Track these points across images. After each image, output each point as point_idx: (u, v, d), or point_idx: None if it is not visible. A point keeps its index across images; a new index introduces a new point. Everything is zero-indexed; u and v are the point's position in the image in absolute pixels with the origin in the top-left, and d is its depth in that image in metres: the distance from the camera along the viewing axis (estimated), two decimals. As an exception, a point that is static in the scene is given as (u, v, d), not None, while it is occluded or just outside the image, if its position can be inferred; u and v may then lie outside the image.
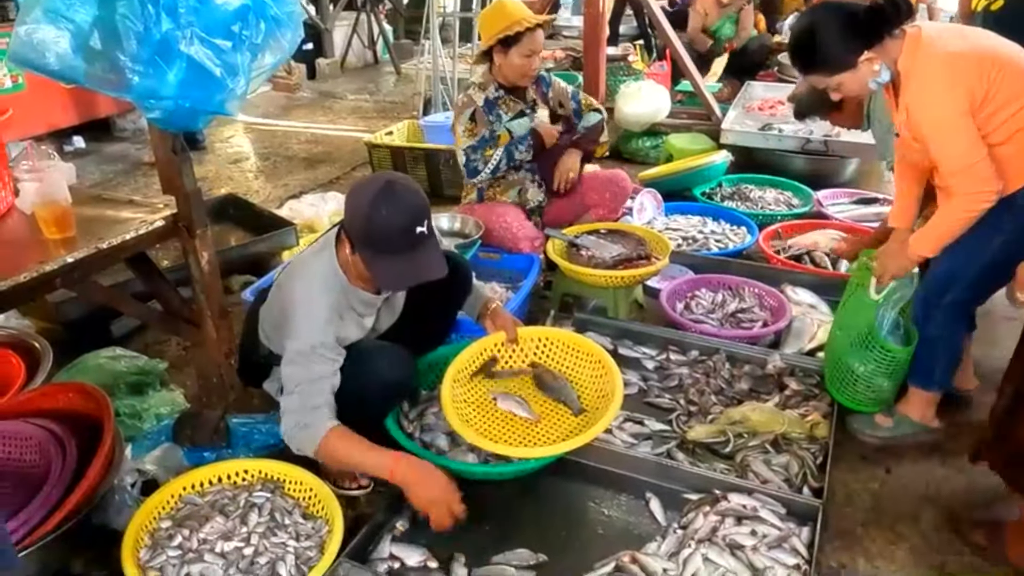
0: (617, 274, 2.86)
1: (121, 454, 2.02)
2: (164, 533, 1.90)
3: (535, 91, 3.21)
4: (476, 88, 3.12)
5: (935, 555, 1.99)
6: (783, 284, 3.11)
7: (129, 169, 5.17)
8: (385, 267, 1.88)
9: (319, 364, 1.89)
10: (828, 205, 3.95)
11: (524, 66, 3.01)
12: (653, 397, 2.53)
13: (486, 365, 2.32)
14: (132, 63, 1.65)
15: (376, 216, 1.81)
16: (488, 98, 3.09)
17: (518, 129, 3.12)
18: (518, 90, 3.14)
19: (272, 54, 1.86)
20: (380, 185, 1.83)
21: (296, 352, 1.90)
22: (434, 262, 1.92)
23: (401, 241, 1.85)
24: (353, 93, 7.61)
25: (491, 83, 3.10)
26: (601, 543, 1.97)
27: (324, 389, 1.90)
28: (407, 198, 1.85)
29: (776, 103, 4.98)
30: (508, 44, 2.96)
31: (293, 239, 3.49)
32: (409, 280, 1.96)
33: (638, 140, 5.06)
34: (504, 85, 3.11)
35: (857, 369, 2.31)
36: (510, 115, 3.12)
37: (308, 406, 1.87)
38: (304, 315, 1.91)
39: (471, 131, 3.07)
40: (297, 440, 1.89)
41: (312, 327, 1.90)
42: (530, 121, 3.15)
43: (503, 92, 3.11)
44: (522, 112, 3.14)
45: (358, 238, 1.88)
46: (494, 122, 3.09)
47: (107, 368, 2.53)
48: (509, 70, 3.03)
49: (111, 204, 2.21)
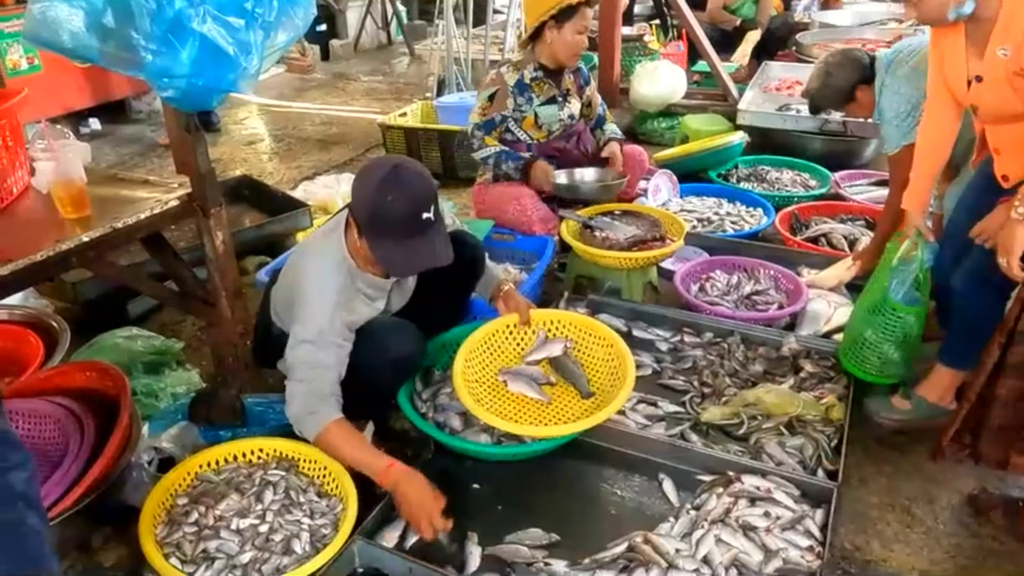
0: (631, 256, 2.85)
1: (138, 432, 2.05)
2: (180, 510, 1.92)
3: (572, 79, 3.17)
4: (511, 68, 3.06)
5: (950, 538, 1.98)
6: (799, 266, 3.08)
7: (144, 151, 5.19)
8: (390, 253, 1.88)
9: (324, 351, 1.89)
10: (846, 187, 3.90)
11: (577, 43, 2.96)
12: (667, 379, 2.52)
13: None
14: (145, 41, 1.65)
15: (382, 201, 1.80)
16: (522, 79, 3.03)
17: (544, 115, 3.06)
18: (556, 75, 3.09)
19: (285, 32, 1.85)
20: (387, 170, 1.82)
21: (302, 338, 1.90)
22: (439, 249, 1.91)
23: (406, 227, 1.84)
24: (367, 74, 7.59)
25: (531, 63, 3.04)
26: (614, 523, 1.98)
27: (331, 378, 1.90)
28: (414, 183, 1.84)
29: (794, 83, 4.90)
30: (562, 19, 2.91)
31: (307, 220, 3.49)
32: (414, 267, 1.95)
33: (653, 121, 5.01)
34: (545, 67, 3.05)
35: (867, 334, 2.30)
36: (541, 99, 3.07)
37: (317, 393, 1.88)
38: (311, 301, 1.91)
39: (484, 110, 3.05)
40: (303, 424, 1.90)
41: (318, 313, 1.90)
42: (559, 110, 3.09)
43: (541, 74, 3.05)
44: (554, 98, 3.09)
45: (364, 223, 1.87)
46: (523, 104, 3.03)
47: (124, 348, 2.56)
48: (561, 47, 2.97)
49: (126, 184, 2.22)
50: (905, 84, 2.62)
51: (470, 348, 2.25)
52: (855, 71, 2.77)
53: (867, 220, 3.47)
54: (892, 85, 2.65)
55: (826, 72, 2.85)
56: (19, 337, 2.52)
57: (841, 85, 2.80)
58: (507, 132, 3.08)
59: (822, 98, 2.91)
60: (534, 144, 3.11)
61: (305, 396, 1.89)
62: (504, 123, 3.05)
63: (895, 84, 2.65)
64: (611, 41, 5.10)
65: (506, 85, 3.02)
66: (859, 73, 2.77)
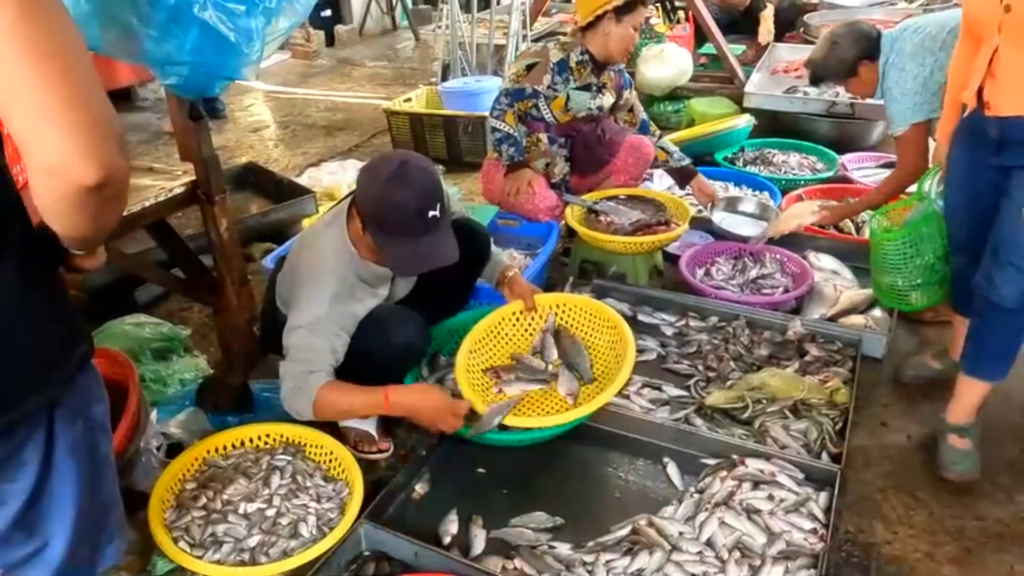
0: (636, 240, 2.84)
1: (146, 418, 2.07)
2: (189, 495, 1.94)
3: (612, 76, 3.15)
4: (558, 46, 3.04)
5: (954, 521, 1.98)
6: (806, 250, 3.07)
7: (150, 138, 5.20)
8: (396, 250, 1.88)
9: (319, 338, 1.90)
10: (853, 169, 3.87)
11: (630, 38, 2.96)
12: (672, 363, 2.52)
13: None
14: (146, 28, 1.64)
15: (388, 199, 1.80)
16: (566, 60, 3.00)
17: (575, 100, 3.04)
18: (600, 67, 3.07)
19: (287, 18, 1.84)
20: (394, 167, 1.82)
21: (297, 323, 1.90)
22: (445, 247, 1.91)
23: (412, 225, 1.84)
24: (372, 60, 7.56)
25: (578, 47, 3.02)
26: (618, 507, 1.99)
27: (325, 360, 1.90)
28: (421, 181, 1.83)
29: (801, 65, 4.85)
30: (623, 12, 2.90)
31: (312, 207, 3.50)
32: (420, 266, 1.94)
33: (660, 104, 4.98)
34: (593, 56, 3.02)
35: (917, 260, 2.38)
36: (578, 83, 3.04)
37: (305, 371, 1.88)
38: (310, 288, 1.92)
39: (519, 78, 3.03)
40: (295, 404, 1.90)
41: (316, 302, 1.90)
42: (591, 99, 3.07)
43: (587, 58, 3.02)
44: (589, 86, 3.06)
45: (370, 219, 1.87)
46: (558, 84, 3.01)
47: (132, 335, 2.58)
48: (616, 41, 2.95)
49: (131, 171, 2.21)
50: (910, 61, 2.59)
51: (474, 339, 2.26)
52: (861, 44, 2.72)
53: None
54: (897, 63, 2.62)
55: (832, 42, 2.81)
56: (28, 325, 2.54)
57: (845, 56, 2.75)
58: (534, 108, 3.05)
59: (825, 68, 2.86)
60: (553, 125, 3.10)
61: (295, 376, 1.89)
62: (534, 98, 3.02)
63: (900, 61, 2.61)
64: (617, 24, 5.06)
65: (548, 60, 3.00)
66: (865, 46, 2.72)
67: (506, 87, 3.04)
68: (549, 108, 3.05)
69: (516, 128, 3.02)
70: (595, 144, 3.21)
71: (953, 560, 1.87)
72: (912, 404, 2.39)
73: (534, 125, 3.09)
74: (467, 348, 2.22)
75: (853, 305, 2.75)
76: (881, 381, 2.49)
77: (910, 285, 2.47)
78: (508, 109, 3.01)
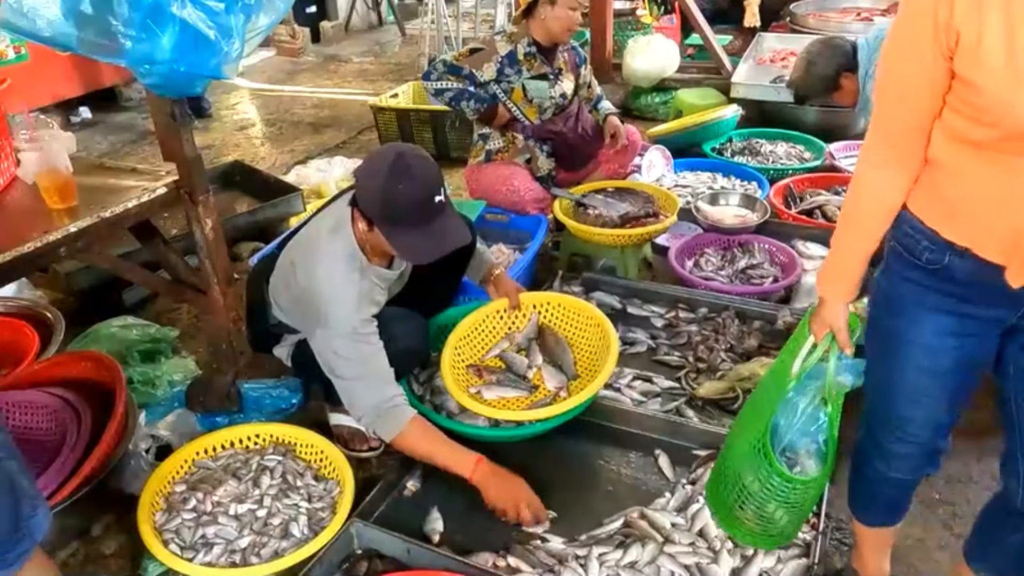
0: (625, 232, 2.84)
1: (135, 421, 2.06)
2: (179, 497, 1.93)
3: (566, 58, 3.13)
4: (505, 38, 3.03)
5: (945, 506, 1.99)
6: (794, 239, 3.07)
7: (136, 138, 5.16)
8: (410, 240, 1.86)
9: (365, 345, 1.88)
10: (841, 158, 3.87)
11: (569, 19, 2.92)
12: (662, 355, 2.52)
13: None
14: (124, 28, 1.63)
15: (393, 191, 1.79)
16: (514, 52, 2.99)
17: (533, 90, 3.02)
18: (549, 52, 3.04)
19: (267, 15, 1.83)
20: (392, 159, 1.80)
21: (335, 340, 1.87)
22: (456, 230, 1.90)
23: (420, 213, 1.83)
24: (358, 56, 7.52)
25: (524, 37, 3.00)
26: (610, 499, 1.99)
27: (384, 365, 1.90)
28: (421, 169, 1.82)
29: (788, 55, 4.85)
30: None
31: (300, 205, 3.48)
32: (437, 251, 1.91)
33: (647, 96, 4.97)
34: (538, 43, 3.00)
35: (746, 480, 1.54)
36: (531, 73, 3.02)
37: (381, 396, 1.88)
38: (334, 301, 1.87)
39: (459, 57, 3.03)
40: (378, 425, 1.90)
41: (346, 311, 1.87)
42: (550, 88, 3.04)
43: (534, 49, 3.00)
44: (545, 75, 3.04)
45: (377, 215, 1.85)
46: (511, 76, 3.00)
47: (119, 337, 2.56)
48: (554, 23, 2.92)
49: (113, 173, 2.21)
50: None
51: (459, 336, 2.26)
52: (838, 59, 2.72)
53: (862, 191, 3.46)
54: (875, 72, 2.61)
55: (809, 61, 2.81)
56: (14, 328, 2.52)
57: (826, 72, 2.75)
58: (497, 96, 3.03)
59: (807, 88, 2.86)
60: (529, 125, 3.08)
61: (371, 398, 1.87)
62: (470, 80, 2.99)
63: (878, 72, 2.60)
64: (603, 15, 5.05)
65: (496, 52, 2.98)
66: (842, 61, 2.71)
67: (444, 59, 3.03)
68: (512, 101, 3.03)
69: (462, 85, 2.99)
70: (578, 142, 3.20)
71: (944, 546, 1.88)
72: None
73: (515, 125, 3.08)
74: (452, 345, 2.22)
75: (842, 293, 2.75)
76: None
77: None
78: (446, 72, 2.99)
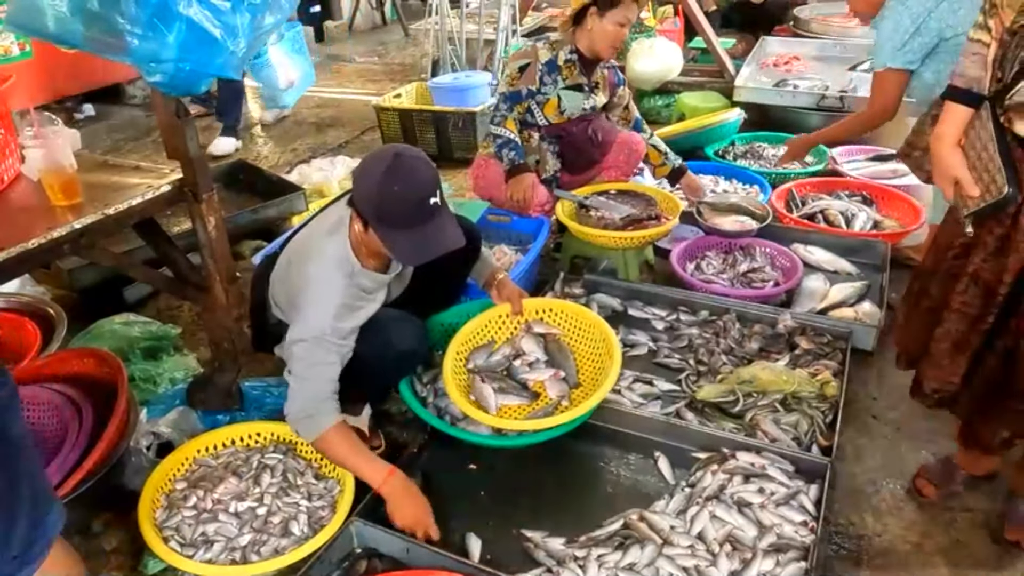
0: (627, 235, 2.84)
1: (136, 418, 2.06)
2: (179, 494, 1.94)
3: (605, 75, 3.13)
4: (547, 45, 3.01)
5: (943, 512, 1.99)
6: (795, 243, 3.08)
7: (140, 136, 5.17)
8: (403, 242, 1.86)
9: (323, 349, 1.87)
10: (843, 163, 3.88)
11: (615, 35, 2.89)
12: (663, 357, 2.52)
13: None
14: (131, 25, 1.63)
15: (388, 192, 1.79)
16: (554, 59, 2.97)
17: (567, 101, 3.01)
18: (590, 65, 3.03)
19: (272, 14, 1.82)
20: (388, 161, 1.80)
21: (300, 336, 1.87)
22: (451, 233, 1.90)
23: (416, 215, 1.83)
24: (361, 56, 7.53)
25: (567, 45, 2.98)
26: (610, 501, 1.99)
27: (330, 376, 1.88)
28: (417, 170, 1.82)
29: (792, 59, 4.86)
30: (605, 7, 2.84)
31: (303, 204, 3.49)
32: (428, 254, 1.92)
33: (650, 99, 4.98)
34: (581, 54, 2.99)
35: None
36: (567, 83, 3.00)
37: (315, 396, 1.86)
38: (314, 302, 1.88)
39: (513, 80, 3.00)
40: (300, 427, 1.89)
41: (320, 315, 1.87)
42: (584, 99, 3.04)
43: (575, 58, 2.98)
44: (580, 87, 3.03)
45: (372, 216, 1.85)
46: (547, 85, 2.98)
47: (121, 334, 2.57)
48: (600, 36, 2.89)
49: (117, 170, 2.21)
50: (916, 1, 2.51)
51: (461, 341, 2.25)
52: None
53: (864, 196, 3.46)
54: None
55: None
56: (16, 325, 2.53)
57: None
58: (528, 113, 3.03)
59: None
60: (545, 126, 3.08)
61: (303, 398, 1.87)
62: (530, 98, 2.99)
63: None
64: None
65: (538, 60, 2.97)
66: None
67: (503, 91, 3.02)
68: (542, 112, 3.03)
69: (516, 133, 2.99)
70: (586, 144, 3.19)
71: (942, 551, 1.89)
72: (902, 397, 2.40)
73: (532, 129, 3.08)
74: (454, 350, 2.22)
75: (843, 298, 2.76)
76: (871, 374, 2.50)
77: None
78: (508, 115, 2.99)
